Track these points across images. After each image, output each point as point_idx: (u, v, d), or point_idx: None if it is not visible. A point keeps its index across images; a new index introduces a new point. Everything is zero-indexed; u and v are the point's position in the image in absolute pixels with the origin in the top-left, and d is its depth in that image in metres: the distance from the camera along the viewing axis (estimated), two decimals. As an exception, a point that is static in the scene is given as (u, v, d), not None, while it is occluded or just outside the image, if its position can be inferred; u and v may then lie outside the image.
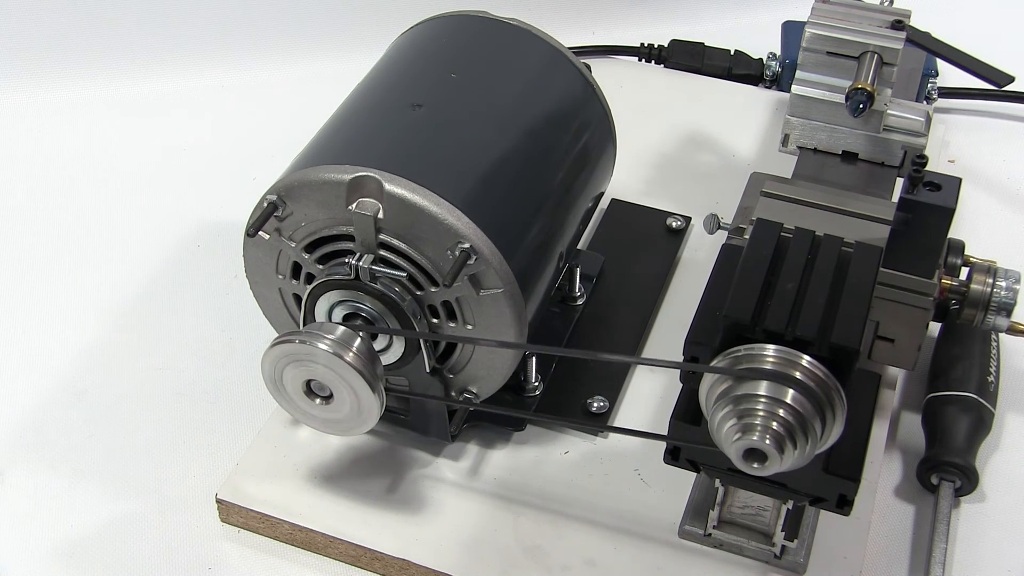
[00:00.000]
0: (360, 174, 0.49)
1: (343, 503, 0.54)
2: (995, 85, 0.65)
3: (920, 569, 0.54)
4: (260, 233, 0.51)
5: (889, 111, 0.58)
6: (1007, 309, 0.55)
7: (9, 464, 0.58)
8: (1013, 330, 0.56)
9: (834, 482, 0.48)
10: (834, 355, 0.44)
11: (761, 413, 0.43)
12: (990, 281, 0.55)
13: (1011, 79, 0.65)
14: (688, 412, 0.49)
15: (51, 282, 0.69)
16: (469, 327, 0.51)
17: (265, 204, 0.51)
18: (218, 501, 0.55)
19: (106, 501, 0.56)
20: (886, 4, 0.60)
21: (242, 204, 0.55)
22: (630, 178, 0.72)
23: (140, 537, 0.55)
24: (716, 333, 0.46)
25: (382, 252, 0.50)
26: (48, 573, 0.54)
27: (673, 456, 0.50)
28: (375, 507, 0.54)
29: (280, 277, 0.53)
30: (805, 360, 0.44)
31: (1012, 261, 0.57)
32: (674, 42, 0.84)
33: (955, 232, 0.54)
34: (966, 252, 0.57)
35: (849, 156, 0.60)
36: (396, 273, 0.50)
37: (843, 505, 0.49)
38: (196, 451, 0.59)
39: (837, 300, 0.46)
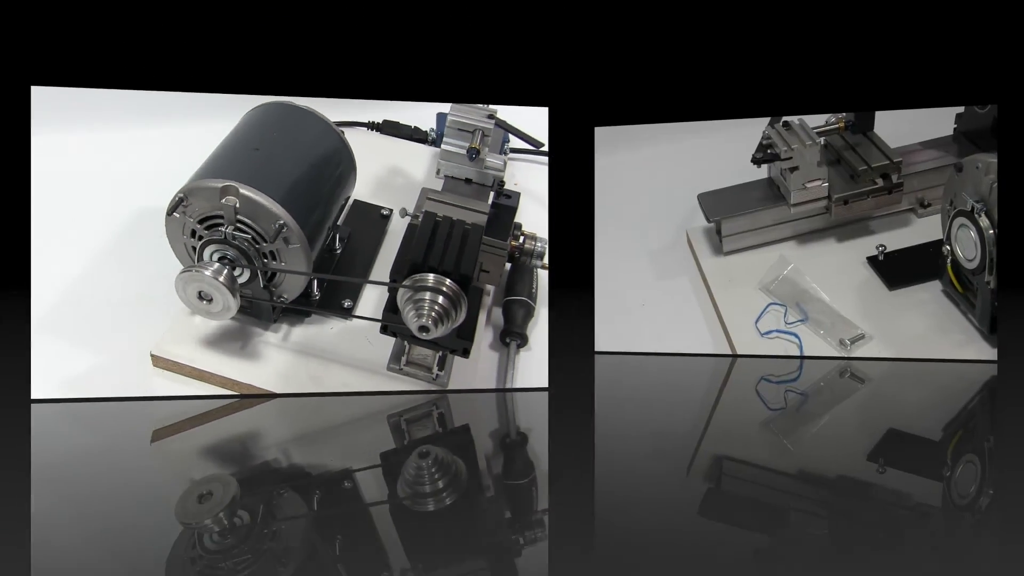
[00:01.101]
0: (227, 183, 0.94)
1: (218, 355, 0.99)
2: (535, 146, 1.10)
3: (501, 384, 1.06)
4: (174, 214, 0.96)
5: (487, 158, 1.05)
6: (540, 256, 1.05)
7: (45, 323, 0.99)
8: (544, 268, 1.07)
9: (461, 341, 0.95)
10: (461, 279, 0.91)
11: (426, 307, 0.90)
12: (533, 243, 1.05)
13: (542, 144, 1.10)
14: (391, 307, 0.95)
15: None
16: (283, 264, 0.99)
17: (176, 198, 0.95)
18: (152, 356, 0.98)
19: (88, 356, 0.98)
20: (484, 107, 1.07)
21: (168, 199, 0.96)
22: (363, 188, 1.14)
23: (104, 379, 0.98)
24: (405, 268, 0.92)
25: (239, 224, 0.95)
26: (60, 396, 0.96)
27: (384, 330, 0.97)
28: (236, 356, 0.99)
29: (185, 237, 0.98)
30: (448, 281, 0.91)
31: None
32: (386, 120, 1.22)
33: (518, 218, 1.04)
34: (523, 228, 1.05)
35: (468, 181, 1.07)
36: (245, 236, 0.95)
37: (465, 353, 0.96)
38: (141, 328, 1.00)
39: (463, 251, 0.92)
